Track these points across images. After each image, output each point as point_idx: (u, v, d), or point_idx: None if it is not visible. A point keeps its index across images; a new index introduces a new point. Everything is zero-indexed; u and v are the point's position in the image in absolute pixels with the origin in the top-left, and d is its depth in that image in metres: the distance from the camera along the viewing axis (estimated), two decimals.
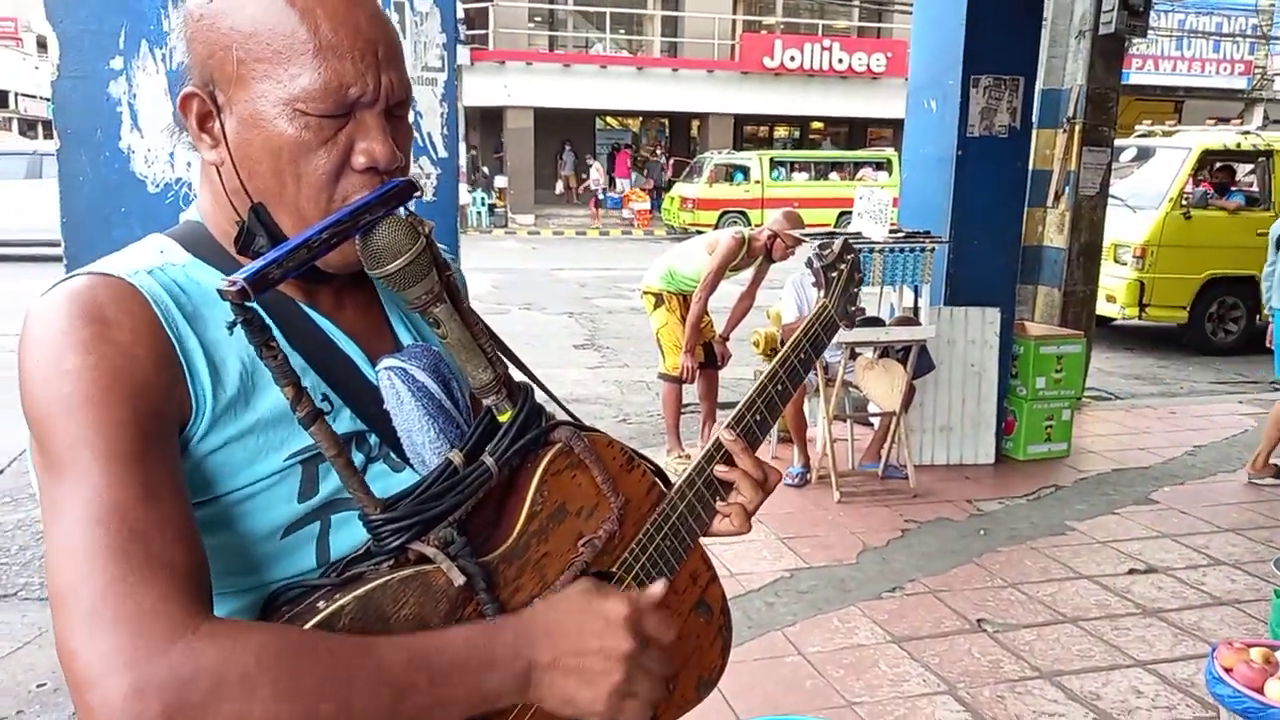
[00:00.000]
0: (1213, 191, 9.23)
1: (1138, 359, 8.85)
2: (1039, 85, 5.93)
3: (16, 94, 26.74)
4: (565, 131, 24.18)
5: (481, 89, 21.40)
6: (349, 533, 0.83)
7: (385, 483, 0.85)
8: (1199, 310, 8.90)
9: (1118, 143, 7.36)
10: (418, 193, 0.84)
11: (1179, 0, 20.93)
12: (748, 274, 5.22)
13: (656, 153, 26.06)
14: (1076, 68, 6.28)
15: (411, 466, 0.87)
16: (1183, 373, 8.32)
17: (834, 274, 1.25)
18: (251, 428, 0.79)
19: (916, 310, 4.90)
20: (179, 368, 0.75)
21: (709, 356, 5.17)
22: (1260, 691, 2.27)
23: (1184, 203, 8.76)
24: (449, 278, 0.86)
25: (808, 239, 4.82)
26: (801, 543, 4.09)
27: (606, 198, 22.99)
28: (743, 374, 6.57)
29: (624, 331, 9.37)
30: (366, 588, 0.74)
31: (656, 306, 5.15)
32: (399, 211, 0.82)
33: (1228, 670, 2.35)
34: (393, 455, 0.87)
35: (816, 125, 26.65)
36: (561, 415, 0.94)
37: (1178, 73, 22.34)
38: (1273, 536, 4.28)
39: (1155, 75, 21.90)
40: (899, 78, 20.93)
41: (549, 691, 0.78)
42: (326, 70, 0.78)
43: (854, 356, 4.77)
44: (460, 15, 15.81)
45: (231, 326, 0.72)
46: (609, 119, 26.55)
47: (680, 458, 5.04)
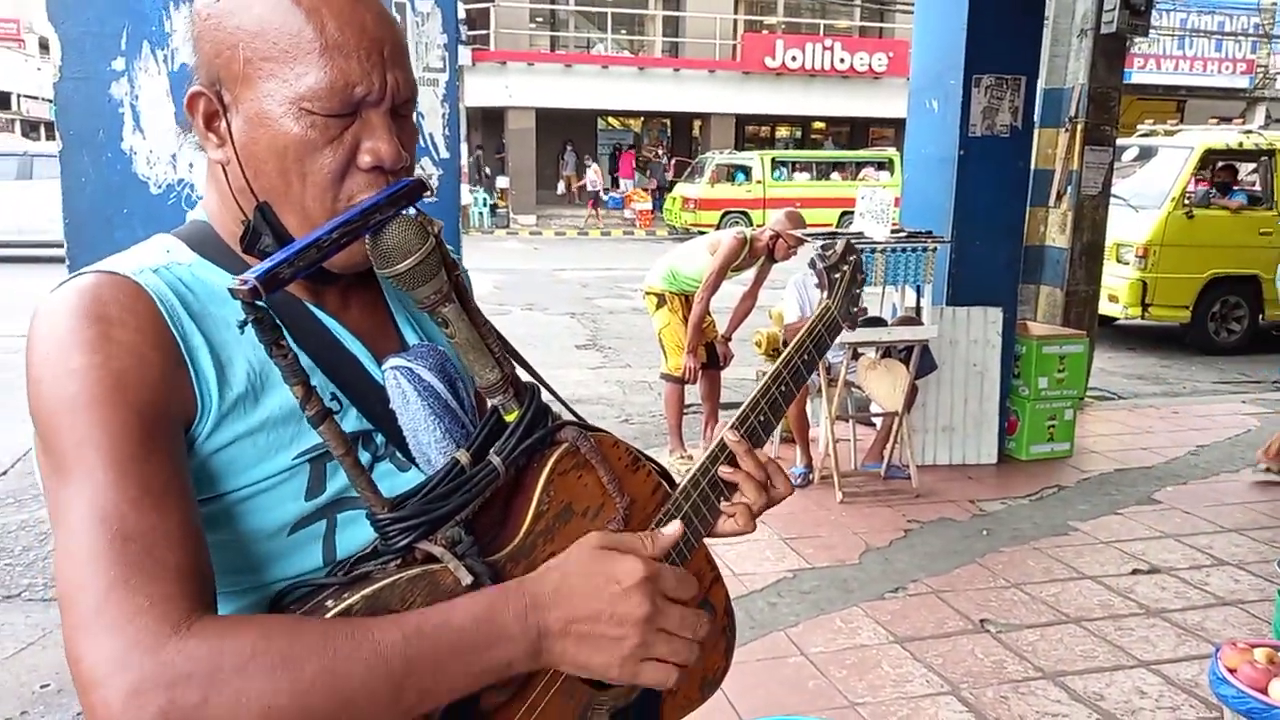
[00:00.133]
0: (1215, 191, 9.22)
1: (1140, 359, 8.84)
2: (1041, 85, 5.93)
3: (19, 95, 26.77)
4: (567, 132, 24.19)
5: (483, 89, 21.42)
6: (355, 532, 0.83)
7: (391, 482, 0.85)
8: (1202, 310, 8.89)
9: (1120, 142, 7.35)
10: (427, 192, 0.84)
11: (1180, 0, 20.93)
12: (750, 274, 5.22)
13: (658, 153, 26.06)
14: (1078, 67, 6.28)
15: (417, 466, 0.87)
16: (1185, 372, 8.31)
17: (837, 275, 1.25)
18: (261, 425, 0.79)
19: (919, 310, 4.89)
20: (184, 366, 0.75)
21: (711, 357, 5.17)
22: (1264, 692, 2.26)
23: (1186, 202, 8.75)
24: (457, 277, 0.86)
25: (810, 239, 4.82)
26: (804, 543, 4.09)
27: (609, 198, 22.99)
28: (745, 374, 6.57)
29: (626, 332, 9.37)
30: (374, 587, 0.74)
31: (659, 307, 5.15)
32: (408, 211, 0.82)
33: (1232, 671, 2.35)
34: (399, 455, 0.87)
35: (818, 125, 26.67)
36: (567, 416, 0.94)
37: (1180, 72, 22.34)
38: (1276, 536, 4.27)
39: (1157, 74, 21.90)
40: (901, 77, 20.93)
41: (561, 659, 0.77)
42: (332, 69, 0.78)
43: (856, 357, 4.76)
44: (461, 16, 15.77)
45: (243, 325, 0.73)
46: (610, 119, 26.57)
47: (683, 458, 5.03)
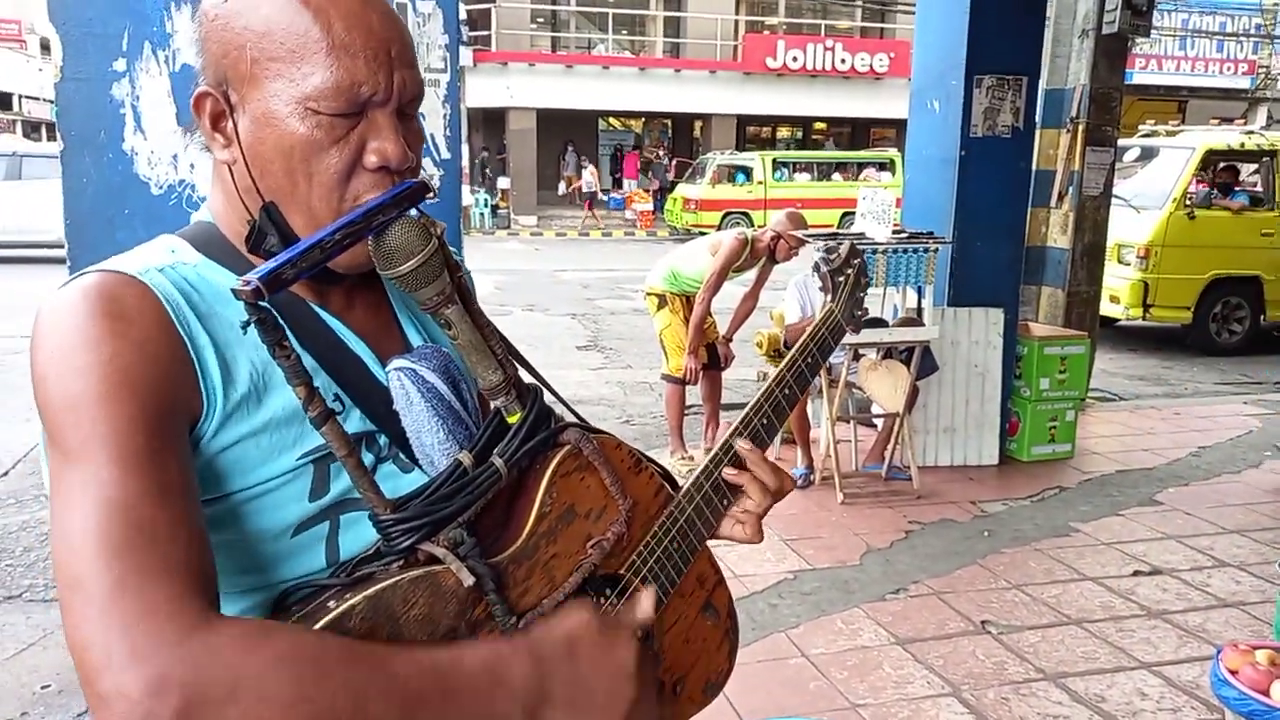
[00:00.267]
0: (1216, 191, 9.22)
1: (1142, 360, 8.84)
2: (1042, 85, 5.93)
3: (20, 96, 26.79)
4: (568, 132, 24.19)
5: (484, 90, 21.43)
6: (358, 533, 0.83)
7: (394, 483, 0.85)
8: (1203, 311, 8.88)
9: (1121, 143, 7.34)
10: (430, 194, 0.84)
11: (1182, 0, 20.92)
12: (751, 275, 5.21)
13: (659, 154, 26.06)
14: (1080, 67, 6.28)
15: (420, 467, 0.87)
16: (1187, 373, 8.31)
17: (841, 278, 1.25)
18: (264, 426, 0.79)
19: (920, 311, 4.89)
20: (190, 365, 0.76)
21: (712, 358, 5.17)
22: (1266, 694, 2.26)
23: (1188, 203, 8.75)
24: (460, 279, 0.86)
25: (811, 240, 4.82)
26: (805, 544, 4.09)
27: (610, 199, 22.98)
28: (746, 375, 6.57)
29: (627, 333, 9.37)
30: (377, 588, 0.74)
31: (660, 308, 5.14)
32: (411, 213, 0.82)
33: (1233, 672, 2.35)
34: (402, 456, 0.87)
35: (819, 126, 26.67)
36: (570, 417, 0.94)
37: (1181, 72, 22.34)
38: (1278, 538, 4.27)
39: (1159, 75, 21.90)
40: (902, 78, 20.93)
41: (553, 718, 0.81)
42: (339, 69, 0.79)
43: (857, 358, 4.76)
44: (463, 16, 15.80)
45: (245, 326, 0.73)
46: (612, 120, 26.58)
47: (683, 459, 5.03)
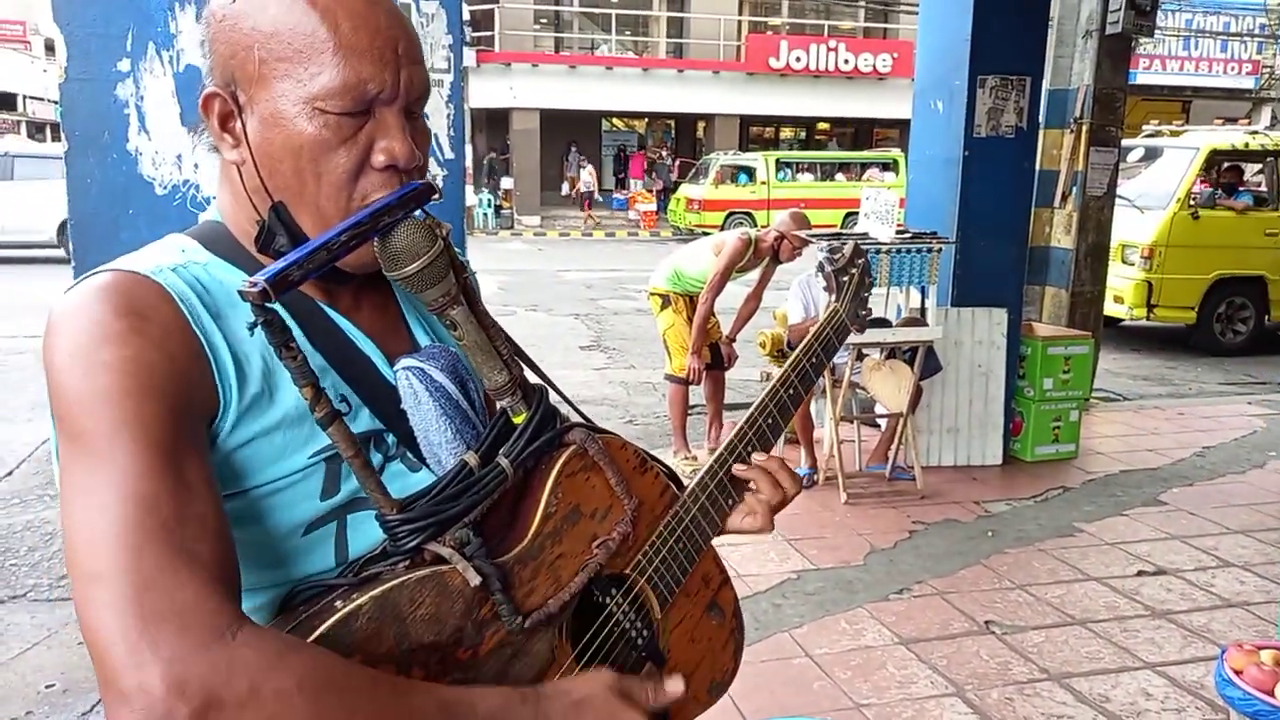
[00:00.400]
0: (1220, 191, 9.20)
1: (1145, 360, 8.82)
2: (1046, 85, 5.92)
3: (25, 97, 26.85)
4: (571, 133, 24.20)
5: (487, 91, 21.45)
6: (366, 532, 0.83)
7: (402, 482, 0.86)
8: (1207, 311, 8.86)
9: (1125, 143, 7.32)
10: (436, 195, 0.84)
11: (1186, 0, 20.89)
12: (754, 275, 5.21)
13: (663, 154, 26.07)
14: (1083, 68, 6.27)
15: (428, 467, 0.87)
16: (1191, 373, 8.29)
17: (845, 278, 1.25)
18: (276, 424, 0.79)
19: (923, 311, 4.89)
20: (206, 363, 0.76)
21: (715, 358, 5.17)
22: (1271, 694, 2.26)
23: (1192, 203, 8.73)
24: (465, 280, 0.87)
25: (814, 240, 4.82)
26: (808, 544, 4.08)
27: (611, 199, 22.97)
28: (749, 375, 6.56)
29: (630, 333, 9.37)
30: (383, 588, 0.75)
31: (663, 308, 5.14)
32: (417, 214, 0.83)
33: (1238, 672, 2.34)
34: (409, 455, 0.87)
35: (822, 126, 26.66)
36: (575, 418, 0.95)
37: (1185, 73, 22.29)
38: None
39: (1162, 75, 21.86)
40: (905, 78, 20.92)
41: None
42: (346, 68, 0.79)
43: (861, 358, 4.76)
44: (466, 17, 15.83)
45: (252, 328, 0.73)
46: (615, 120, 26.59)
47: (687, 459, 5.03)
